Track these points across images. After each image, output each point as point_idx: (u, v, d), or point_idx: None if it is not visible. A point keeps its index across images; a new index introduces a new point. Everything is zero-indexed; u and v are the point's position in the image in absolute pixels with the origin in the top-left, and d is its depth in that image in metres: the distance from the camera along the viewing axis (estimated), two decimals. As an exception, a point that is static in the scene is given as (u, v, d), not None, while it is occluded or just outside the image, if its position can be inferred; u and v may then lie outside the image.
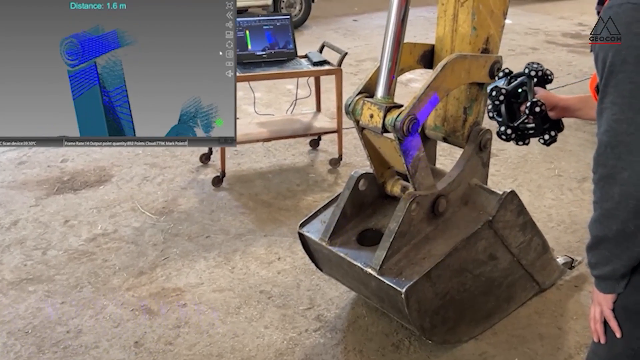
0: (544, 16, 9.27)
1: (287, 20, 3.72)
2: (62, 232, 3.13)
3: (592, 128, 4.56)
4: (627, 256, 1.25)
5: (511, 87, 1.74)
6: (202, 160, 3.94)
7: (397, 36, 1.95)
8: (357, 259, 2.14)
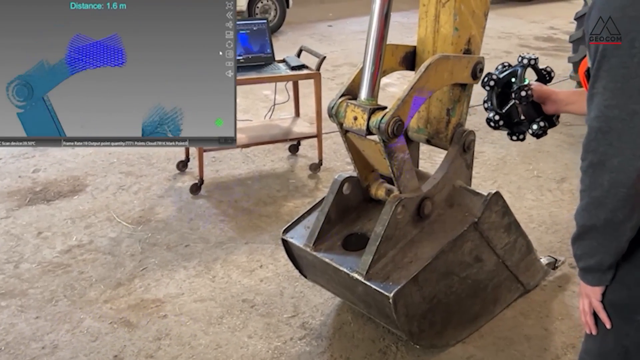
0: (516, 20, 9.41)
1: (264, 24, 3.68)
2: (35, 244, 3.03)
3: (568, 129, 4.61)
4: (614, 246, 1.23)
5: (502, 75, 1.77)
6: (179, 167, 3.87)
7: (380, 37, 1.92)
8: (343, 264, 2.11)
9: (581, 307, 1.38)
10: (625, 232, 1.21)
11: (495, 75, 1.78)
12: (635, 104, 1.12)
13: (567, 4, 10.46)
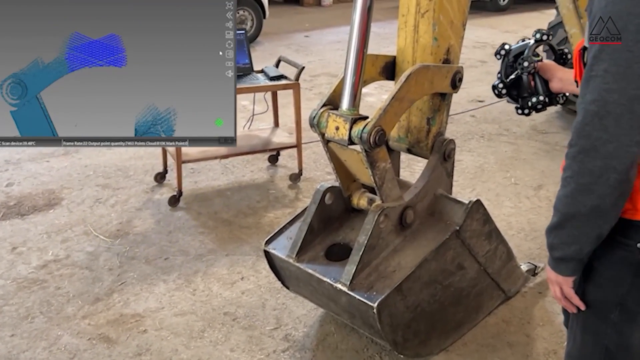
0: (490, 30, 9.56)
1: (242, 35, 3.67)
2: (10, 260, 2.95)
3: (544, 137, 4.69)
4: (596, 234, 1.21)
5: (515, 46, 1.87)
6: (157, 179, 3.82)
7: (361, 48, 1.93)
8: (326, 274, 2.09)
9: (554, 294, 1.36)
10: (610, 219, 1.20)
11: (508, 46, 1.89)
12: (636, 89, 1.09)
13: (539, 14, 10.67)
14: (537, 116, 5.24)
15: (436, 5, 2.07)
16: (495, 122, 5.08)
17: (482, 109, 5.44)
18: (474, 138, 4.72)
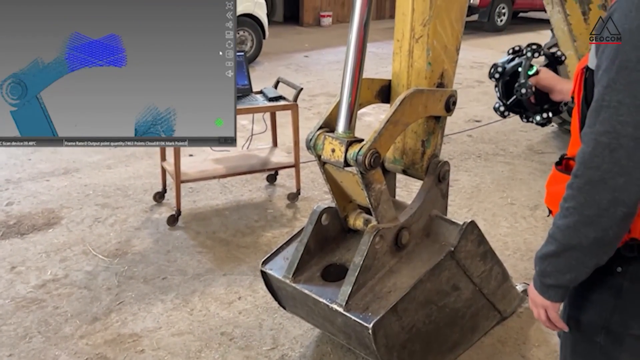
0: (487, 50, 9.66)
1: (241, 57, 3.73)
2: (9, 279, 2.97)
3: (540, 157, 4.73)
4: (594, 264, 1.20)
5: (508, 66, 1.86)
6: (156, 198, 3.85)
7: (356, 72, 1.97)
8: (323, 295, 2.11)
9: (539, 317, 1.35)
10: (610, 250, 1.18)
11: (501, 67, 1.86)
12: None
13: (536, 35, 10.80)
14: (533, 136, 5.29)
15: (430, 31, 2.12)
16: (492, 142, 5.13)
17: (479, 129, 5.49)
18: (471, 158, 4.76)
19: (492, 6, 11.63)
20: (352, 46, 1.96)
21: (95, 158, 4.59)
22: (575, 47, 3.79)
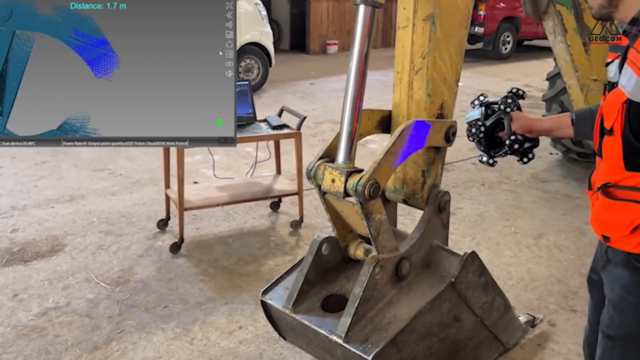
0: (492, 78, 9.72)
1: (245, 86, 3.77)
2: (10, 307, 2.97)
3: (544, 186, 4.72)
4: None
5: (489, 124, 1.98)
6: (160, 226, 3.86)
7: (356, 103, 1.99)
8: (322, 326, 2.09)
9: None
10: None
11: (483, 126, 1.99)
12: None
13: (540, 63, 10.87)
14: (537, 164, 5.29)
15: (429, 64, 2.15)
16: (495, 170, 5.12)
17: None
18: (475, 186, 4.76)
19: (496, 34, 11.74)
20: (352, 76, 1.98)
21: (100, 185, 4.62)
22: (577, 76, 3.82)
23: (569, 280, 3.28)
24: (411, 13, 2.13)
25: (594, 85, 3.72)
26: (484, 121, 2.00)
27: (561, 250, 3.63)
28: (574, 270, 3.39)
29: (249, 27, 7.92)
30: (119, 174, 4.89)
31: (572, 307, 3.01)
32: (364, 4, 1.93)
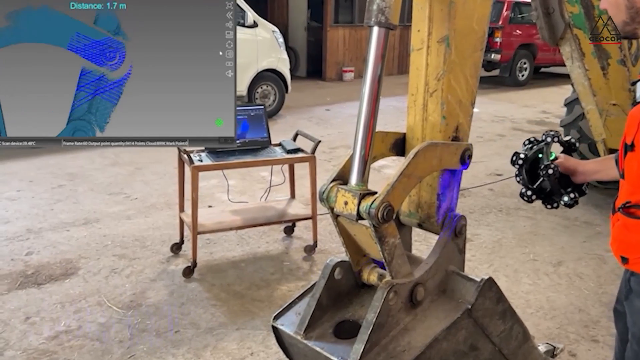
0: (509, 105, 9.69)
1: (261, 110, 3.78)
2: (22, 330, 2.95)
3: (564, 212, 4.63)
4: None
5: (529, 153, 1.96)
6: (173, 250, 3.84)
7: (370, 125, 1.96)
8: (334, 353, 2.03)
9: None
10: None
11: (523, 154, 1.97)
12: None
13: (558, 89, 10.82)
14: (556, 190, 5.21)
15: (444, 85, 2.12)
16: (513, 196, 5.05)
17: (500, 183, 5.43)
18: (492, 212, 4.69)
19: (513, 61, 11.74)
20: (366, 98, 1.96)
21: (115, 209, 4.63)
22: (595, 101, 3.77)
23: (589, 309, 3.19)
24: (425, 35, 2.12)
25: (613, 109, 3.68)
26: (525, 151, 2.01)
27: (581, 278, 3.54)
28: (594, 299, 3.29)
29: (266, 54, 8.02)
30: (134, 198, 4.91)
31: (593, 337, 2.91)
32: (377, 25, 1.92)
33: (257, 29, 7.99)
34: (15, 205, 4.68)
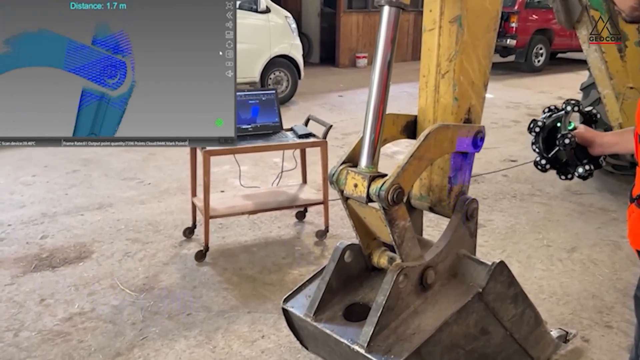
0: (524, 90, 9.56)
1: (272, 94, 3.77)
2: (37, 311, 2.99)
3: (579, 198, 4.58)
4: None
5: (548, 121, 1.90)
6: (186, 234, 3.86)
7: (380, 107, 1.95)
8: (344, 335, 2.04)
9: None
10: None
11: (541, 122, 1.91)
12: None
13: (574, 75, 10.66)
14: (571, 176, 5.15)
15: (456, 67, 2.09)
16: (527, 182, 5.00)
17: (514, 169, 5.37)
18: (506, 198, 4.65)
19: (529, 47, 11.57)
20: (376, 79, 1.94)
21: (129, 193, 4.66)
22: (612, 85, 3.71)
23: (604, 295, 3.15)
24: (437, 15, 2.09)
25: (630, 93, 3.61)
26: (544, 119, 1.94)
27: (596, 264, 3.50)
28: (609, 285, 3.26)
29: (278, 40, 7.98)
30: (147, 183, 4.94)
31: (607, 323, 2.88)
32: (388, 4, 1.90)
33: (269, 15, 7.95)
34: (30, 190, 4.73)
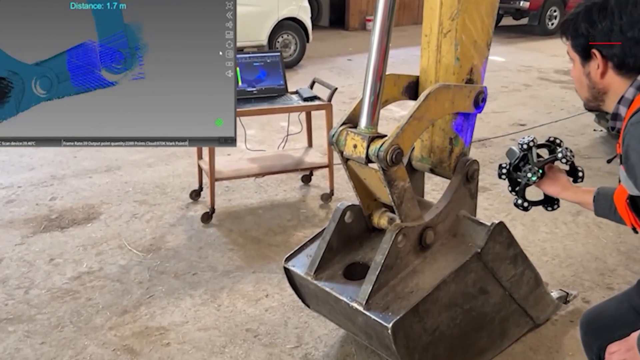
0: (536, 54, 9.40)
1: (277, 57, 3.74)
2: (47, 270, 3.06)
3: (587, 162, 4.55)
4: None
5: (512, 165, 1.93)
6: (192, 196, 3.90)
7: (380, 66, 1.94)
8: (343, 293, 2.08)
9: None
10: None
11: (505, 168, 1.94)
12: None
13: (588, 38, 10.40)
14: (580, 141, 5.11)
15: (458, 25, 2.07)
16: (535, 146, 4.96)
17: (523, 133, 5.33)
18: (513, 162, 4.62)
19: (543, 9, 11.31)
20: (376, 38, 1.93)
21: (137, 157, 4.70)
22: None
23: (607, 257, 3.16)
24: (440, -28, 2.05)
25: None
26: (506, 166, 1.93)
27: (600, 227, 3.50)
28: (612, 247, 3.26)
29: (286, 2, 7.87)
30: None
31: (608, 285, 2.90)
32: (388, -39, 1.87)
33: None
34: (39, 152, 4.77)
